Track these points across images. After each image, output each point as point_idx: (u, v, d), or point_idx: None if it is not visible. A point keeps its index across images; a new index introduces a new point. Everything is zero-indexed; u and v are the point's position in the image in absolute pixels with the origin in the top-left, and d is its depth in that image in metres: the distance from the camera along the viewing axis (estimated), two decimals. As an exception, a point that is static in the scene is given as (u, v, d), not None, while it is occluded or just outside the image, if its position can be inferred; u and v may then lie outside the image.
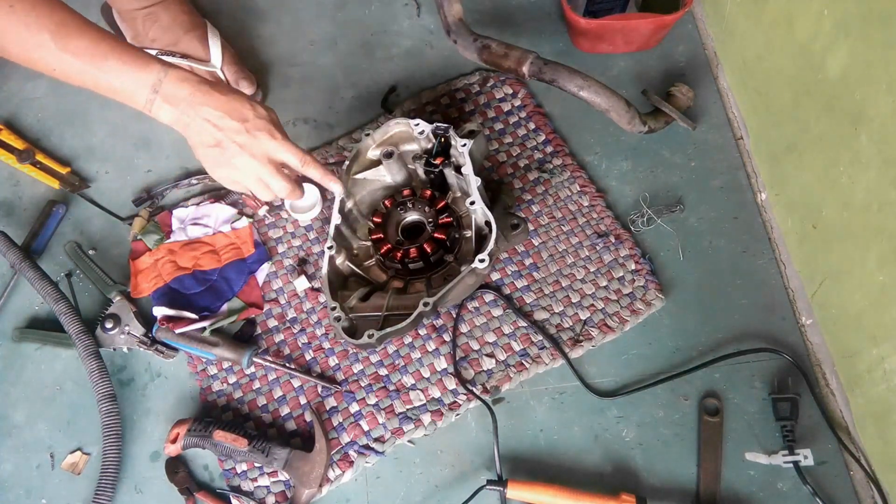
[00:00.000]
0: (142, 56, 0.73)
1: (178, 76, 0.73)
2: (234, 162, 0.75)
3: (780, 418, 0.83)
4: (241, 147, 0.75)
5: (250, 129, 0.75)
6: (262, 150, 0.76)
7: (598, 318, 0.90)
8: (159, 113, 0.74)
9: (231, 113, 0.74)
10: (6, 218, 1.03)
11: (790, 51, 0.84)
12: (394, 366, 0.89)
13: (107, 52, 0.71)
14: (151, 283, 0.95)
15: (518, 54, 0.95)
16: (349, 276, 0.91)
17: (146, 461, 0.87)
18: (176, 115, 0.74)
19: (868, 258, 0.74)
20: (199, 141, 0.75)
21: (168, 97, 0.73)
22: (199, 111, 0.73)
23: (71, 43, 0.70)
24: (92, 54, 0.71)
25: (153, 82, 0.72)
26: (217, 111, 0.74)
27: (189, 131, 0.75)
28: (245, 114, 0.75)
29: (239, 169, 0.76)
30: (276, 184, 0.78)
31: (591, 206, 0.97)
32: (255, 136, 0.75)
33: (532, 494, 0.79)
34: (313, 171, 0.80)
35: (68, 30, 0.71)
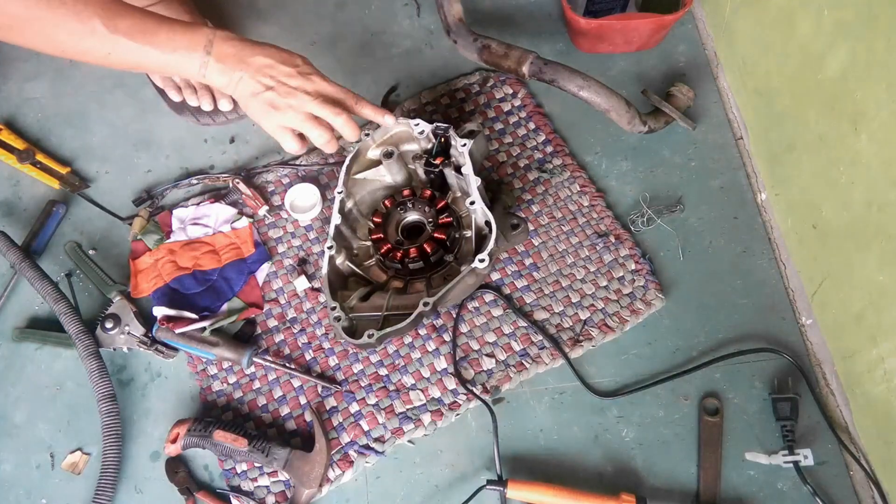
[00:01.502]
0: (188, 24, 0.77)
1: (225, 36, 0.77)
2: (289, 102, 0.77)
3: (780, 418, 0.83)
4: (296, 88, 0.77)
5: (303, 72, 0.78)
6: (316, 89, 0.78)
7: (598, 318, 0.90)
8: (213, 74, 0.76)
9: (282, 61, 0.78)
10: (6, 218, 1.03)
11: (790, 51, 0.84)
12: (394, 366, 0.89)
13: (155, 27, 0.74)
14: (151, 283, 0.95)
15: (518, 54, 0.95)
16: (349, 276, 0.91)
17: (146, 461, 0.87)
18: (228, 72, 0.76)
19: (868, 258, 0.74)
20: (251, 91, 0.77)
21: (220, 55, 0.76)
22: (250, 62, 0.76)
23: (121, 24, 0.72)
24: (142, 31, 0.73)
25: (205, 44, 0.75)
26: (269, 59, 0.77)
27: (241, 84, 0.77)
28: (295, 61, 0.79)
29: (294, 109, 0.78)
30: (336, 120, 0.79)
31: (591, 206, 0.97)
32: (309, 77, 0.78)
33: (532, 494, 0.79)
34: (367, 109, 0.84)
35: (115, 12, 0.73)
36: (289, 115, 0.78)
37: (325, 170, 1.03)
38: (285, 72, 0.77)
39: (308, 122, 0.79)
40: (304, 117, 0.79)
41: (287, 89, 0.77)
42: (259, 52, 0.77)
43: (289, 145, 0.81)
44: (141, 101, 1.11)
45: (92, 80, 1.13)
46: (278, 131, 0.80)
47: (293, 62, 0.78)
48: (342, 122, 0.80)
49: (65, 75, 1.14)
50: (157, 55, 0.75)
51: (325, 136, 0.80)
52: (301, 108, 0.78)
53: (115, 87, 1.12)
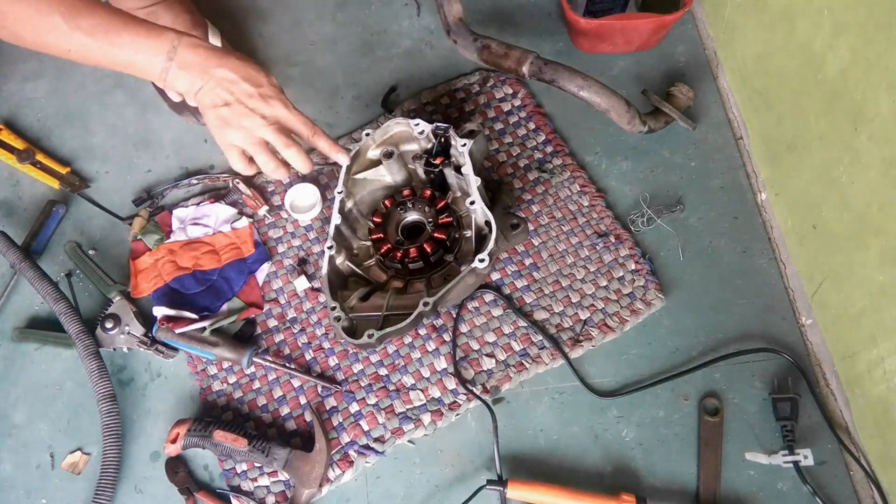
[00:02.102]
0: (154, 27, 0.74)
1: (191, 42, 0.75)
2: (243, 122, 0.75)
3: (780, 418, 0.83)
4: (252, 110, 0.75)
5: (264, 94, 0.76)
6: (274, 116, 0.76)
7: (598, 318, 0.90)
8: (175, 80, 0.74)
9: (246, 78, 0.75)
10: (6, 218, 1.03)
11: (790, 50, 0.84)
12: (394, 366, 0.89)
13: (119, 27, 0.73)
14: (151, 283, 0.95)
15: (518, 54, 0.95)
16: (349, 276, 0.91)
17: (146, 461, 0.87)
18: (190, 79, 0.74)
19: (868, 258, 0.74)
20: (211, 102, 0.75)
21: (183, 63, 0.74)
22: (213, 73, 0.74)
23: (83, 21, 0.71)
24: (105, 31, 0.72)
25: (167, 49, 0.73)
26: (233, 74, 0.74)
27: (201, 94, 0.75)
28: (260, 80, 0.76)
29: (245, 131, 0.76)
30: (287, 151, 0.78)
31: (591, 206, 0.97)
32: (268, 101, 0.76)
33: (532, 494, 0.79)
34: (322, 142, 0.81)
35: (79, 9, 0.71)
36: (240, 134, 0.76)
37: (325, 170, 1.03)
38: (245, 90, 0.75)
39: (257, 146, 0.77)
40: (255, 141, 0.76)
41: (243, 109, 0.75)
42: (223, 65, 0.74)
43: (236, 164, 0.79)
44: (141, 101, 1.11)
45: (92, 80, 1.13)
46: (228, 148, 0.78)
47: (257, 81, 0.76)
48: (293, 153, 0.78)
49: (65, 75, 1.14)
50: (118, 55, 0.73)
51: (272, 163, 0.78)
52: (253, 131, 0.76)
53: (115, 87, 1.13)
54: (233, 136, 0.76)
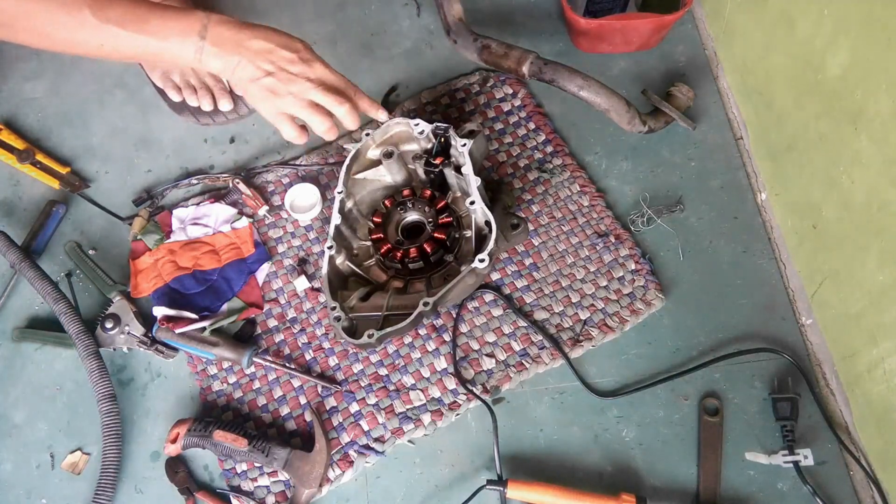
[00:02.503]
0: (180, 9, 0.74)
1: (221, 19, 0.74)
2: (290, 89, 0.75)
3: (780, 418, 0.83)
4: (297, 75, 0.75)
5: (304, 58, 0.76)
6: (318, 77, 0.76)
7: (598, 318, 0.90)
8: (209, 60, 0.74)
9: (283, 45, 0.75)
10: (6, 218, 1.03)
11: (790, 51, 0.84)
12: (394, 366, 0.89)
13: (146, 14, 0.72)
14: (151, 283, 0.95)
15: (518, 54, 0.95)
16: (349, 276, 0.91)
17: (146, 461, 0.87)
18: (225, 56, 0.74)
19: (868, 258, 0.74)
20: (251, 75, 0.75)
21: (216, 40, 0.73)
22: (249, 45, 0.74)
23: (111, 13, 0.71)
24: (133, 19, 0.72)
25: (199, 28, 0.73)
26: (268, 43, 0.74)
27: (239, 69, 0.75)
28: (296, 45, 0.76)
29: (294, 96, 0.75)
30: (339, 109, 0.77)
31: (591, 205, 0.97)
32: (310, 64, 0.76)
33: (532, 494, 0.79)
34: (364, 102, 0.82)
35: (104, 2, 0.71)
36: (288, 101, 0.76)
37: (325, 170, 1.03)
38: (286, 57, 0.75)
39: (308, 108, 0.77)
40: (305, 104, 0.76)
41: (288, 75, 0.75)
42: (258, 36, 0.74)
43: (288, 133, 0.79)
44: (141, 101, 1.11)
45: (92, 80, 1.13)
46: (277, 118, 0.78)
47: (294, 47, 0.76)
48: (345, 111, 0.78)
49: (65, 75, 1.14)
50: (150, 43, 0.73)
51: (326, 123, 0.78)
52: (302, 95, 0.76)
53: (115, 87, 1.13)
54: (282, 104, 0.76)
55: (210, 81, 1.06)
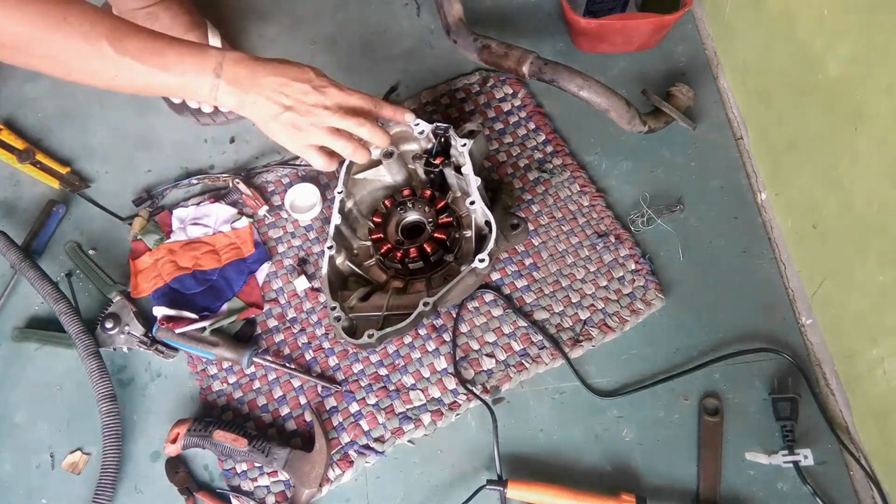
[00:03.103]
0: (196, 45, 0.74)
1: (235, 57, 0.74)
2: (311, 120, 0.76)
3: (780, 418, 0.83)
4: (314, 105, 0.75)
5: (317, 86, 0.76)
6: (336, 103, 0.77)
7: (598, 318, 0.90)
8: (225, 98, 0.74)
9: (296, 78, 0.75)
10: (6, 218, 1.03)
11: (790, 51, 0.84)
12: (394, 366, 0.89)
13: (163, 48, 0.72)
14: (151, 283, 0.95)
15: (518, 54, 0.95)
16: (349, 276, 0.91)
17: (146, 461, 0.87)
18: (240, 95, 0.74)
19: (868, 258, 0.74)
20: (270, 113, 0.75)
21: (231, 78, 0.73)
22: (263, 84, 0.74)
23: (129, 45, 0.70)
24: (150, 52, 0.71)
25: (214, 66, 0.73)
26: (282, 77, 0.75)
27: (256, 108, 0.75)
28: (307, 76, 0.76)
29: (316, 127, 0.76)
30: (361, 130, 0.78)
31: (591, 206, 0.97)
32: (324, 91, 0.76)
33: (532, 494, 0.79)
34: (386, 111, 0.82)
35: (123, 33, 0.71)
36: (311, 132, 0.76)
37: (325, 170, 1.03)
38: (301, 89, 0.75)
39: (331, 135, 0.77)
40: (327, 132, 0.77)
41: (306, 107, 0.75)
42: (271, 72, 0.75)
43: (318, 163, 0.79)
44: (141, 101, 1.11)
45: (92, 80, 1.13)
46: (305, 150, 0.78)
47: (306, 77, 0.76)
48: (367, 131, 0.78)
49: (65, 75, 1.14)
50: (165, 77, 0.72)
51: (351, 146, 0.78)
52: (323, 124, 0.76)
53: (115, 87, 1.12)
54: (306, 136, 0.76)
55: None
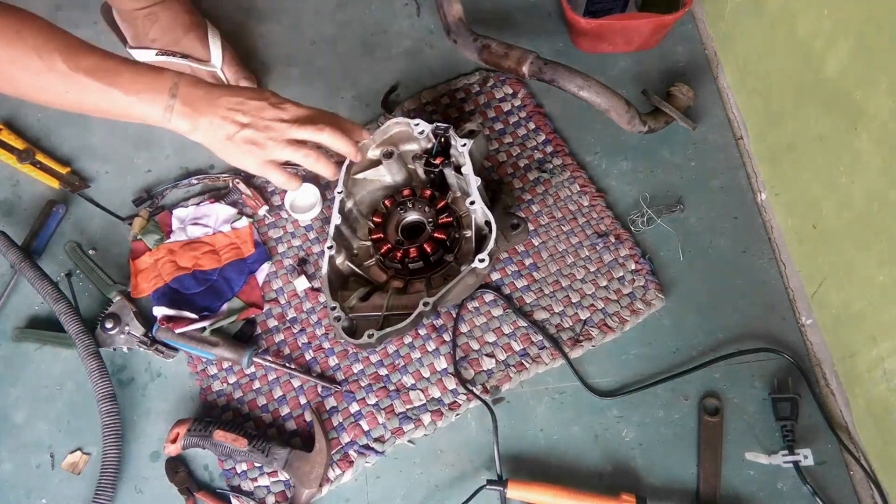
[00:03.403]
0: (152, 66, 0.73)
1: (191, 80, 0.73)
2: (269, 135, 0.74)
3: (780, 418, 0.83)
4: (273, 119, 0.74)
5: (274, 103, 0.75)
6: (292, 115, 0.75)
7: (598, 318, 0.90)
8: (178, 121, 0.72)
9: (251, 97, 0.74)
10: (6, 218, 1.03)
11: (790, 51, 0.84)
12: (394, 366, 0.89)
13: (118, 67, 0.71)
14: (151, 283, 0.95)
15: (518, 54, 0.95)
16: (349, 276, 0.91)
17: (146, 461, 0.87)
18: (195, 117, 0.72)
19: (868, 258, 0.74)
20: (225, 133, 0.73)
21: (186, 99, 0.72)
22: (219, 103, 0.73)
23: (82, 61, 0.69)
24: (105, 70, 0.70)
25: (170, 86, 0.72)
26: (237, 97, 0.74)
27: (212, 129, 0.73)
28: (264, 94, 0.76)
29: (274, 140, 0.74)
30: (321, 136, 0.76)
31: (591, 205, 0.97)
32: (282, 107, 0.75)
33: (532, 494, 0.79)
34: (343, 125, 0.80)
35: (77, 49, 0.70)
36: (270, 147, 0.74)
37: (325, 170, 1.03)
38: (257, 106, 0.74)
39: (290, 147, 0.75)
40: (287, 144, 0.75)
41: (264, 122, 0.74)
42: (227, 93, 0.74)
43: (279, 180, 0.77)
44: (141, 101, 1.11)
45: (92, 80, 1.13)
46: (264, 168, 0.76)
47: (262, 96, 0.75)
48: (327, 136, 0.77)
49: (65, 75, 1.14)
50: (118, 96, 0.70)
51: (313, 155, 0.77)
52: (282, 137, 0.74)
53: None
54: (265, 152, 0.75)
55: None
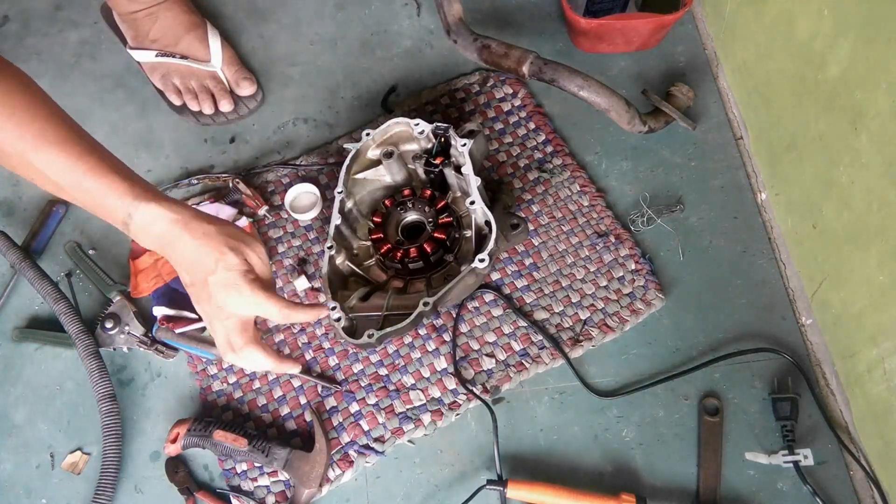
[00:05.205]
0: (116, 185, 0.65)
1: (148, 216, 0.65)
2: (206, 309, 0.68)
3: (780, 418, 0.83)
4: (208, 298, 0.66)
5: (215, 283, 0.65)
6: (230, 308, 0.66)
7: (598, 318, 0.90)
8: (139, 241, 0.67)
9: (196, 262, 0.66)
10: (6, 218, 1.03)
11: (790, 51, 0.84)
12: (394, 366, 0.89)
13: (83, 174, 0.65)
14: (151, 283, 0.95)
15: (518, 54, 0.95)
16: (349, 276, 0.91)
17: (146, 461, 0.87)
18: (154, 245, 0.67)
19: (868, 258, 0.74)
20: (180, 276, 0.69)
21: (140, 231, 0.66)
22: (169, 253, 0.67)
23: (49, 159, 0.64)
24: (70, 172, 0.65)
25: (123, 216, 0.65)
26: (183, 258, 0.66)
27: (170, 262, 0.68)
28: (210, 265, 0.65)
29: (209, 316, 0.68)
30: (237, 341, 0.68)
31: (591, 205, 0.97)
32: (222, 291, 0.65)
33: (532, 494, 0.79)
34: (300, 317, 0.70)
35: (47, 143, 0.64)
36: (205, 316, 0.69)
37: (325, 170, 1.03)
38: (199, 278, 0.66)
39: (216, 337, 0.69)
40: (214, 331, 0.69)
41: (202, 295, 0.67)
42: (177, 245, 0.66)
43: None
44: (141, 101, 1.11)
45: (92, 80, 1.13)
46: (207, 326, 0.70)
47: (208, 266, 0.65)
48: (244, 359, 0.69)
49: (64, 75, 1.14)
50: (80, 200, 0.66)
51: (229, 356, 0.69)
52: (212, 320, 0.68)
53: (115, 87, 1.13)
54: (205, 316, 0.69)
55: (210, 83, 1.06)
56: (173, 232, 0.65)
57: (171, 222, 0.65)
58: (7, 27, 1.19)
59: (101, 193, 0.65)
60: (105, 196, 0.65)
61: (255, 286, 0.66)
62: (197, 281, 0.66)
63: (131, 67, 1.13)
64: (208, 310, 0.67)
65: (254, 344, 0.69)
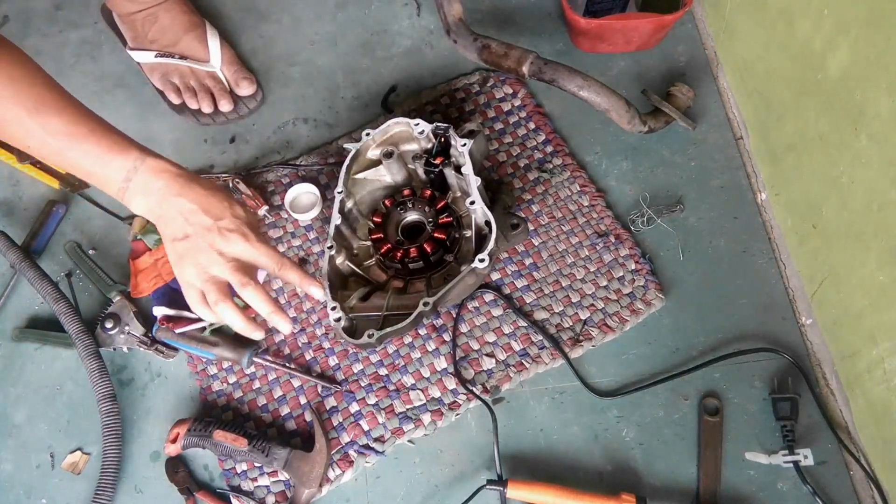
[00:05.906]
0: (120, 142, 0.69)
1: (155, 167, 0.69)
2: (199, 258, 0.68)
3: (780, 418, 0.83)
4: (210, 245, 0.68)
5: (222, 227, 0.68)
6: (232, 252, 0.69)
7: (598, 318, 0.90)
8: (132, 201, 0.69)
9: (206, 209, 0.68)
10: (6, 218, 1.03)
11: (790, 51, 0.84)
12: (394, 366, 0.89)
13: (84, 134, 0.68)
14: (151, 283, 0.95)
15: (518, 54, 0.95)
16: (349, 276, 0.91)
17: (146, 461, 0.87)
18: (149, 205, 0.69)
19: (868, 258, 0.74)
20: (170, 233, 0.69)
21: (141, 188, 0.68)
22: (172, 203, 0.68)
23: (48, 121, 0.67)
24: (68, 135, 0.67)
25: (128, 169, 0.68)
26: (192, 204, 0.68)
27: (161, 223, 0.70)
28: (220, 212, 0.69)
29: (197, 268, 0.69)
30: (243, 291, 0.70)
31: (591, 205, 0.97)
32: (226, 236, 0.68)
33: (532, 494, 0.79)
34: (291, 275, 0.72)
35: (46, 108, 0.67)
36: (194, 271, 0.69)
37: (325, 170, 1.03)
38: (204, 223, 0.68)
39: (209, 283, 0.69)
40: (207, 278, 0.69)
41: (200, 244, 0.68)
42: (183, 194, 0.68)
43: (195, 306, 0.71)
44: (141, 101, 1.11)
45: (92, 80, 1.13)
46: (185, 287, 0.70)
47: (217, 213, 0.68)
48: (249, 293, 0.70)
49: (64, 75, 1.14)
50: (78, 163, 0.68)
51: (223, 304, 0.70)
52: (207, 268, 0.69)
53: (115, 87, 1.13)
54: (188, 272, 0.69)
55: (210, 83, 1.06)
56: (180, 182, 0.69)
57: (177, 175, 0.69)
58: (7, 27, 1.19)
59: (103, 152, 0.68)
60: (107, 154, 0.68)
61: (258, 234, 0.71)
62: (197, 230, 0.68)
63: (131, 67, 1.13)
64: (201, 259, 0.68)
65: (228, 300, 0.70)
